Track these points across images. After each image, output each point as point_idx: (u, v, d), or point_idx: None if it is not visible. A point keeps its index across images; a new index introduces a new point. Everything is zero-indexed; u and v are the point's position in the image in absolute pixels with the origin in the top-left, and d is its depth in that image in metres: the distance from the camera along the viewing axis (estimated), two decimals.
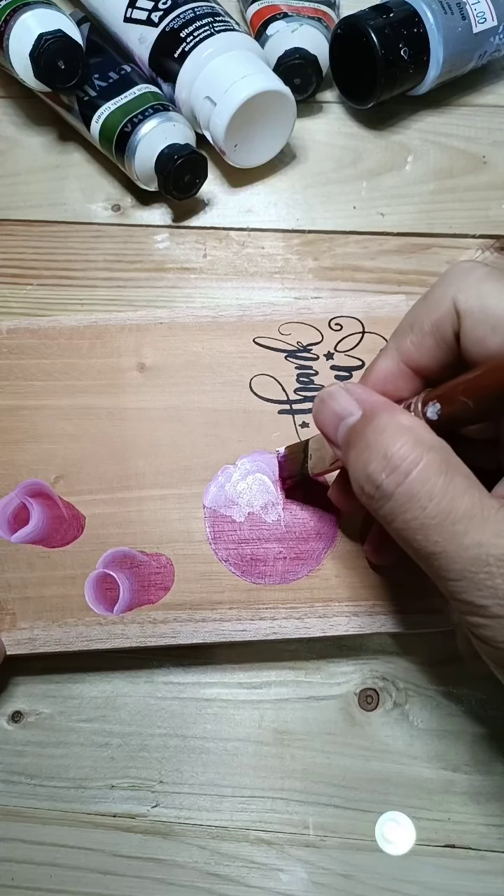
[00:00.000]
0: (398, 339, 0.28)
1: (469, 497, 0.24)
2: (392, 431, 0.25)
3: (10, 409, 0.39)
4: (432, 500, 0.24)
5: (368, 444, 0.26)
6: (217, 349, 0.39)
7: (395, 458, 0.24)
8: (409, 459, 0.24)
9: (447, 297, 0.26)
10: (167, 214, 0.49)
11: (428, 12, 0.46)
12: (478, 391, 0.24)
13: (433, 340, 0.27)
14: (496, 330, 0.25)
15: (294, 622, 0.35)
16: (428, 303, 0.27)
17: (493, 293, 0.25)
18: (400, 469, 0.24)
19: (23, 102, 0.52)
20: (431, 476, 0.24)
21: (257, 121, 0.45)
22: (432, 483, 0.24)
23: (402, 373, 0.28)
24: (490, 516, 0.24)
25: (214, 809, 0.36)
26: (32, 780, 0.37)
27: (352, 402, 0.27)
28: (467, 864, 0.35)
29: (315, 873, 0.35)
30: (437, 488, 0.24)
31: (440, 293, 0.26)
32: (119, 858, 0.36)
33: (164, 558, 0.36)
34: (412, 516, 0.24)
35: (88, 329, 0.40)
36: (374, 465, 0.25)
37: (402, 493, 0.24)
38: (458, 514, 0.24)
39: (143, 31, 0.47)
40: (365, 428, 0.26)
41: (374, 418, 0.26)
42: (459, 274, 0.26)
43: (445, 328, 0.26)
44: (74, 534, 0.37)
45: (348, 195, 0.49)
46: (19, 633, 0.36)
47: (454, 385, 0.25)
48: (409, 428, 0.25)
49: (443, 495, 0.24)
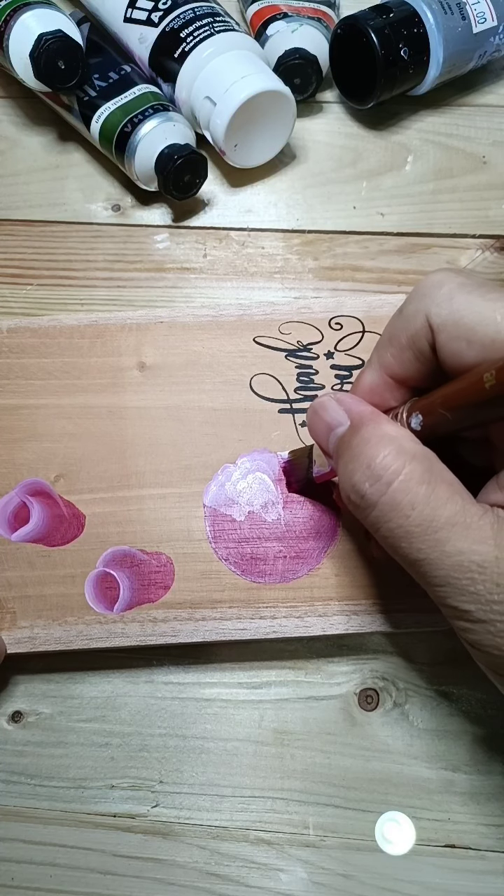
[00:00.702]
0: (380, 352, 0.28)
1: (452, 505, 0.24)
2: (376, 442, 0.26)
3: (10, 408, 0.39)
4: (415, 508, 0.24)
5: (354, 454, 0.26)
6: (217, 348, 0.39)
7: (379, 468, 0.25)
8: (392, 469, 0.25)
9: (420, 312, 0.26)
10: (167, 214, 0.49)
11: (428, 12, 0.46)
12: (454, 404, 0.25)
13: (412, 354, 0.27)
14: (471, 344, 0.24)
15: (294, 621, 0.35)
16: (403, 317, 0.27)
17: (466, 306, 0.25)
18: (383, 479, 0.25)
19: (23, 102, 0.52)
20: (413, 485, 0.24)
21: (257, 121, 0.45)
22: (414, 492, 0.24)
23: (387, 384, 0.28)
24: (472, 523, 0.24)
25: (214, 809, 0.36)
26: (32, 780, 0.37)
27: (341, 412, 0.28)
28: (467, 864, 0.35)
29: (315, 873, 0.35)
30: (419, 497, 0.24)
31: (413, 308, 0.26)
32: (119, 858, 0.36)
33: (165, 557, 0.36)
34: (396, 525, 0.25)
35: (89, 328, 0.40)
36: (359, 475, 0.26)
37: (386, 503, 0.25)
38: (440, 522, 0.24)
39: (143, 31, 0.47)
40: (352, 438, 0.27)
41: (360, 429, 0.27)
42: (431, 287, 0.26)
43: (421, 343, 0.26)
44: (75, 533, 0.37)
45: (348, 195, 0.49)
46: (20, 632, 0.36)
47: (434, 397, 0.26)
48: (392, 438, 0.26)
49: (425, 504, 0.24)
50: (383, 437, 0.26)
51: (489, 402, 0.23)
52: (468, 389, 0.24)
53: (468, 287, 0.25)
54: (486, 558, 0.24)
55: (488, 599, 0.24)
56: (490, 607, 0.24)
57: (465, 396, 0.24)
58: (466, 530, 0.24)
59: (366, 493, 0.25)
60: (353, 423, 0.27)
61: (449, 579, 0.24)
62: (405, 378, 0.28)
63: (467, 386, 0.24)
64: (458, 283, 0.25)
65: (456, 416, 0.25)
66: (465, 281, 0.25)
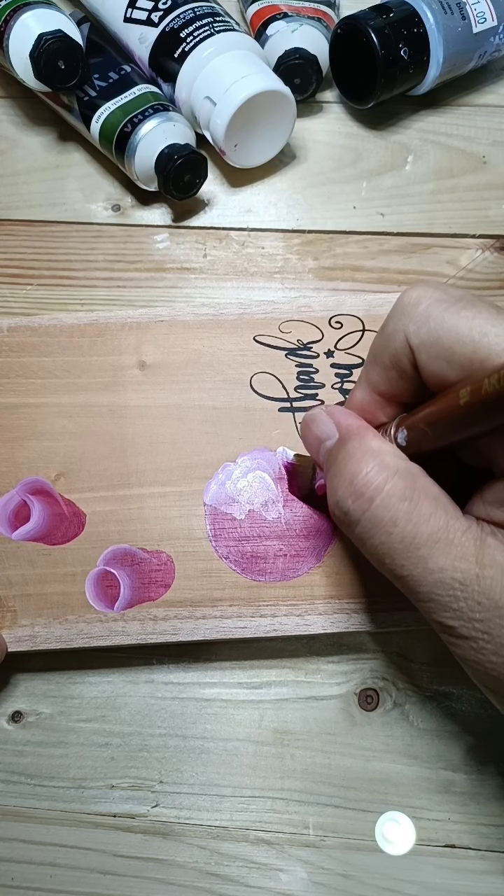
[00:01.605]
0: (367, 370, 0.28)
1: (434, 521, 0.24)
2: (360, 457, 0.26)
3: (10, 407, 0.39)
4: (396, 525, 0.24)
5: (339, 469, 0.26)
6: (217, 347, 0.39)
7: (361, 484, 0.25)
8: (374, 486, 0.25)
9: (399, 332, 0.26)
10: (167, 214, 0.49)
11: (428, 12, 0.46)
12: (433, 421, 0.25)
13: (395, 373, 0.27)
14: (451, 364, 0.24)
15: (295, 619, 0.35)
16: (384, 337, 0.27)
17: (442, 325, 0.24)
18: (365, 496, 0.25)
19: (23, 102, 0.52)
20: (395, 502, 0.24)
21: (257, 121, 0.45)
22: (395, 509, 0.24)
23: (377, 402, 0.28)
24: (454, 540, 0.24)
25: (214, 809, 0.36)
26: (32, 780, 0.37)
27: (331, 425, 0.28)
28: (467, 864, 0.35)
29: (315, 873, 0.35)
30: (400, 514, 0.24)
31: (392, 327, 0.26)
32: (119, 858, 0.35)
33: (165, 555, 0.36)
34: (379, 541, 0.25)
35: (89, 327, 0.40)
36: (342, 490, 0.26)
37: (368, 519, 0.25)
38: (421, 539, 0.24)
39: (143, 31, 0.47)
40: (338, 453, 0.27)
41: (346, 443, 0.27)
42: (408, 306, 0.26)
43: (403, 362, 0.26)
44: (75, 531, 0.37)
45: (348, 195, 0.49)
46: (20, 631, 0.36)
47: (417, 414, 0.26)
48: (376, 453, 0.26)
49: (406, 521, 0.24)
50: (367, 452, 0.26)
51: (465, 419, 0.23)
52: (446, 407, 0.24)
53: (445, 303, 0.25)
54: (468, 576, 0.24)
55: (470, 617, 0.24)
56: (472, 625, 0.24)
57: (444, 414, 0.24)
58: (448, 547, 0.24)
59: (349, 510, 0.26)
60: (340, 437, 0.27)
61: (432, 595, 0.24)
62: (392, 395, 0.28)
63: (445, 404, 0.24)
64: (435, 299, 0.25)
65: (436, 433, 0.25)
66: (443, 296, 0.25)
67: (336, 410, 0.29)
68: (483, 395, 0.21)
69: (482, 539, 0.24)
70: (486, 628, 0.24)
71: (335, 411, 0.29)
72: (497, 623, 0.24)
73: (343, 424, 0.28)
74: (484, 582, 0.23)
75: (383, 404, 0.28)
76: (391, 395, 0.28)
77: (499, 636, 0.24)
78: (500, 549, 0.24)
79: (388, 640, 0.38)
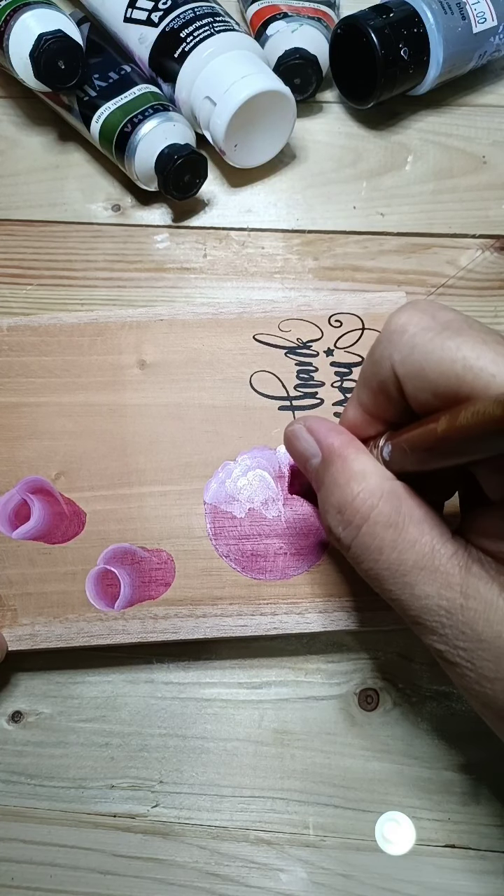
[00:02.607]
0: (358, 391, 0.28)
1: (420, 547, 0.24)
2: (344, 482, 0.26)
3: (10, 406, 0.39)
4: (382, 553, 0.25)
5: (326, 494, 0.26)
6: (217, 346, 0.39)
7: (348, 512, 0.25)
8: (360, 515, 0.25)
9: (386, 360, 0.25)
10: (167, 214, 0.49)
11: (428, 12, 0.46)
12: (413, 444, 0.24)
13: (384, 397, 0.26)
14: (436, 396, 0.23)
15: (295, 617, 0.35)
16: (372, 363, 0.26)
17: (427, 357, 0.23)
18: (353, 524, 0.25)
19: (23, 102, 0.52)
20: (380, 530, 0.25)
21: (257, 121, 0.45)
22: (380, 537, 0.25)
23: (368, 421, 0.28)
24: (439, 567, 0.24)
25: (214, 809, 0.36)
26: (32, 780, 0.37)
27: (312, 443, 0.28)
28: (467, 864, 0.35)
29: (315, 873, 0.35)
30: (385, 542, 0.24)
31: (380, 354, 0.25)
32: (119, 858, 0.35)
33: (165, 554, 0.36)
34: (368, 567, 0.25)
35: (89, 326, 0.40)
36: (331, 517, 0.26)
37: (357, 546, 0.25)
38: (407, 566, 0.24)
39: (143, 31, 0.47)
40: (324, 475, 0.27)
41: (330, 466, 0.27)
42: (395, 333, 0.25)
43: (391, 389, 0.25)
44: (75, 530, 0.37)
45: (348, 195, 0.49)
46: (20, 630, 0.35)
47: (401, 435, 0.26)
48: (361, 477, 0.25)
49: (391, 549, 0.24)
50: (351, 477, 0.26)
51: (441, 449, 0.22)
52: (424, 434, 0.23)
53: (431, 332, 0.23)
54: (453, 605, 0.24)
55: (455, 644, 0.24)
56: (457, 652, 0.24)
57: (421, 440, 0.24)
58: (434, 574, 0.24)
59: (340, 536, 0.26)
60: (324, 457, 0.27)
61: (420, 620, 0.25)
62: (382, 417, 0.27)
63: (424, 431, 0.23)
64: (422, 326, 0.24)
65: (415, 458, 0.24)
66: (429, 323, 0.24)
67: (316, 426, 0.28)
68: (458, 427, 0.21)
69: (468, 567, 0.24)
70: (470, 657, 0.24)
71: (315, 427, 0.28)
72: (479, 654, 0.24)
73: (325, 444, 0.27)
74: (467, 613, 0.23)
75: (374, 423, 0.28)
76: (381, 416, 0.27)
77: (481, 667, 0.24)
78: (483, 580, 0.24)
79: (388, 640, 0.38)
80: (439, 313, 0.24)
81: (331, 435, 0.27)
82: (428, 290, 0.45)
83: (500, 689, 0.24)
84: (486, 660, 0.23)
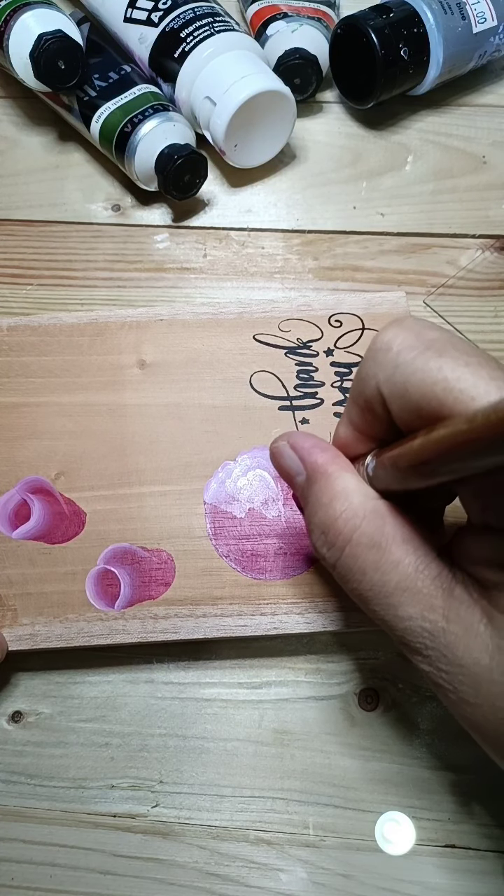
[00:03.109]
0: (347, 409, 0.27)
1: (403, 568, 0.24)
2: (327, 502, 0.25)
3: (10, 406, 0.39)
4: (365, 574, 0.24)
5: (310, 513, 0.26)
6: (217, 346, 0.39)
7: (331, 533, 0.25)
8: (343, 536, 0.25)
9: (371, 378, 0.25)
10: (167, 214, 0.49)
11: (428, 12, 0.46)
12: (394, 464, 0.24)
13: (371, 415, 0.26)
14: (420, 416, 0.23)
15: (295, 617, 0.35)
16: (359, 381, 0.26)
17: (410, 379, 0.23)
18: (336, 545, 0.25)
19: (23, 102, 0.53)
20: (363, 551, 0.24)
21: (257, 121, 0.45)
22: (363, 559, 0.24)
23: (359, 439, 0.28)
24: (423, 588, 0.24)
25: (214, 809, 0.36)
26: (32, 780, 0.37)
27: (296, 461, 0.28)
28: (467, 864, 0.35)
29: (315, 873, 0.35)
30: (368, 564, 0.24)
31: (366, 372, 0.25)
32: (119, 858, 0.35)
33: (165, 554, 0.36)
34: (352, 587, 0.25)
35: (89, 326, 0.40)
36: (316, 537, 0.26)
37: (341, 567, 0.25)
38: (390, 587, 0.24)
39: (143, 31, 0.47)
40: (308, 494, 0.27)
41: (314, 484, 0.26)
42: (379, 351, 0.24)
43: (377, 407, 0.25)
44: (75, 530, 0.37)
45: (348, 195, 0.49)
46: (21, 630, 0.35)
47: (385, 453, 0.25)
48: (343, 496, 0.25)
49: (374, 570, 0.24)
50: (334, 497, 0.25)
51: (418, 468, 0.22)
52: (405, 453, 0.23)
53: (414, 350, 0.23)
54: (436, 628, 0.23)
55: (438, 667, 0.24)
56: (441, 675, 0.24)
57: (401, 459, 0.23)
58: (417, 596, 0.24)
59: (325, 556, 0.26)
60: (308, 475, 0.27)
61: (404, 640, 0.24)
62: (372, 435, 0.27)
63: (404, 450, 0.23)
64: (406, 345, 0.23)
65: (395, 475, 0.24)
66: (413, 342, 0.23)
67: (300, 442, 0.28)
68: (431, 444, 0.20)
69: (451, 589, 0.24)
70: (451, 680, 0.24)
71: (299, 443, 0.28)
72: (459, 679, 0.23)
73: (308, 462, 0.27)
74: (448, 637, 0.23)
75: (365, 440, 0.28)
76: (370, 433, 0.27)
77: (462, 691, 0.23)
78: (465, 604, 0.23)
79: (388, 640, 0.38)
80: (424, 332, 0.24)
81: (314, 452, 0.27)
82: (428, 290, 0.45)
83: (480, 714, 0.23)
84: (466, 685, 0.23)
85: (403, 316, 0.25)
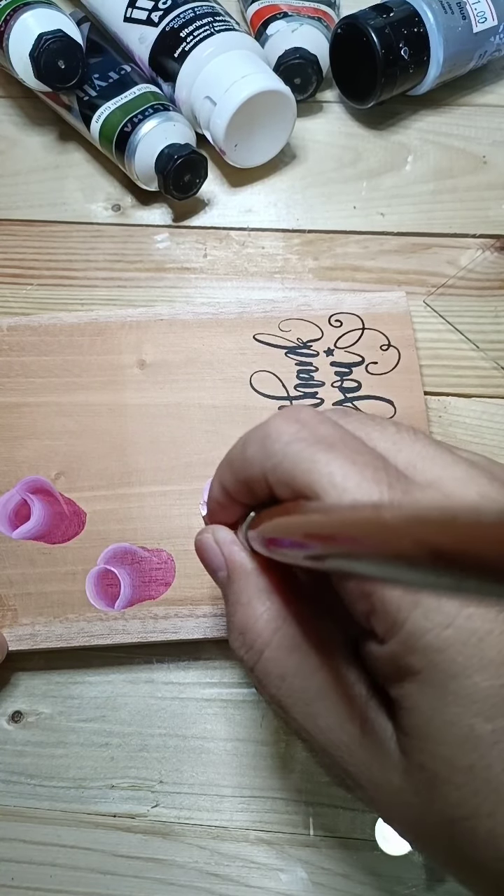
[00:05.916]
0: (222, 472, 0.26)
1: (321, 675, 0.23)
2: (246, 603, 0.24)
3: (10, 406, 0.39)
4: (284, 680, 0.23)
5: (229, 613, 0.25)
6: (217, 346, 0.39)
7: (250, 635, 0.24)
8: (262, 639, 0.24)
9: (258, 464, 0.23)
10: (167, 214, 0.49)
11: (428, 12, 0.46)
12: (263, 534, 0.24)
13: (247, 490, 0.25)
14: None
15: None
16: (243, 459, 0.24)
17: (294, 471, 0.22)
18: (254, 648, 0.24)
19: (23, 102, 0.52)
20: (282, 656, 0.23)
21: (257, 121, 0.45)
22: (282, 664, 0.23)
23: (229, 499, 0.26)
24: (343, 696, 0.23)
25: (214, 809, 0.36)
26: (32, 780, 0.37)
27: (218, 555, 0.26)
28: None
29: (315, 873, 0.35)
30: (287, 670, 0.23)
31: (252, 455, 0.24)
32: (119, 858, 0.35)
33: (165, 554, 0.36)
34: (271, 693, 0.24)
35: (89, 326, 0.40)
36: (234, 638, 0.25)
37: (259, 671, 0.24)
38: (310, 695, 0.23)
39: (143, 31, 0.47)
40: (228, 593, 0.26)
41: (233, 583, 0.25)
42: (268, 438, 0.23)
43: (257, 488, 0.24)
44: (75, 530, 0.37)
45: (348, 195, 0.49)
46: (21, 629, 0.35)
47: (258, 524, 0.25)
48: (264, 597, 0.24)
49: (294, 676, 0.23)
50: (254, 597, 0.24)
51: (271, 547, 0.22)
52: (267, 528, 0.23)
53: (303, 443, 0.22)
54: (353, 742, 0.22)
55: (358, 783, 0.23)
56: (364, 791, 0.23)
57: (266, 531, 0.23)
58: (336, 706, 0.23)
59: (243, 659, 0.25)
60: (229, 573, 0.26)
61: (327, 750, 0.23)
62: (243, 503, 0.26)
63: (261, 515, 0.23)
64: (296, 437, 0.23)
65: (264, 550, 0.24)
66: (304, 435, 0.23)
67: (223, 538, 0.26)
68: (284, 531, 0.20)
69: (368, 697, 0.23)
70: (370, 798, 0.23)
71: (222, 539, 0.26)
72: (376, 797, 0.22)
73: (229, 560, 0.26)
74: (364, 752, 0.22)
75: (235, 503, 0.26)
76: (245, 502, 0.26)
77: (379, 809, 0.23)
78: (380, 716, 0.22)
79: None
80: (318, 426, 0.23)
81: (234, 551, 0.26)
82: (428, 290, 0.45)
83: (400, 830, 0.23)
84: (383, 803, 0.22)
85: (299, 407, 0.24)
